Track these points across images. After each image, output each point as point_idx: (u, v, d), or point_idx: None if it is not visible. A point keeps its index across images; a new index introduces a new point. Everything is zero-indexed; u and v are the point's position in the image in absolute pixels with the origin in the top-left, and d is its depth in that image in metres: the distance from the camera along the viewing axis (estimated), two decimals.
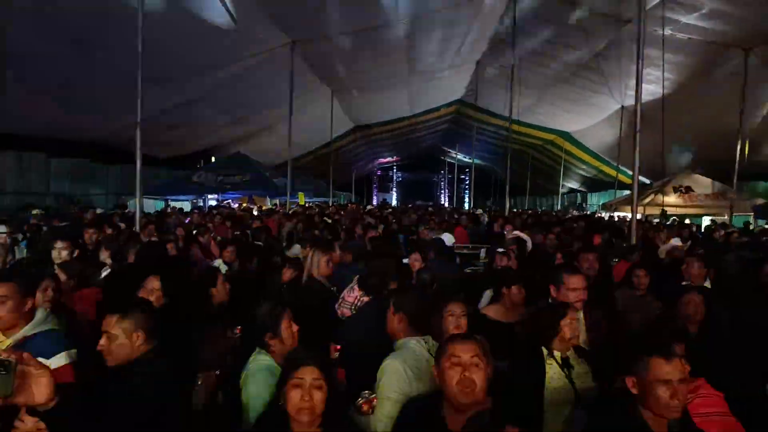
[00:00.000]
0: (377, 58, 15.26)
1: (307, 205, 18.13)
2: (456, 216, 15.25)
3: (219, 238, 7.75)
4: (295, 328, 2.67)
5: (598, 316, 3.21)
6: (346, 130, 24.38)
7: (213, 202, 18.37)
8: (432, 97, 22.56)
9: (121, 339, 2.24)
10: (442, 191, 46.76)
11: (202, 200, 17.82)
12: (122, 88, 10.94)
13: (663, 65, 7.81)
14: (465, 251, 10.03)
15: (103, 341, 2.25)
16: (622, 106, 17.59)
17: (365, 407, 2.35)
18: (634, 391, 1.91)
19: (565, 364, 2.61)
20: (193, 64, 11.81)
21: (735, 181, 13.18)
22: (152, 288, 3.30)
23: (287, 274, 4.83)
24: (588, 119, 20.55)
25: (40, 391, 1.16)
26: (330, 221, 11.60)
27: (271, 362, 2.48)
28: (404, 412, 2.11)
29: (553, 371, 2.59)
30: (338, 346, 3.32)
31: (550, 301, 3.18)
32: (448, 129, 31.40)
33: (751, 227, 12.09)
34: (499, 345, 2.57)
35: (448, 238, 7.47)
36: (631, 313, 4.21)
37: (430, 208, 23.37)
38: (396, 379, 2.36)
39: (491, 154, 28.76)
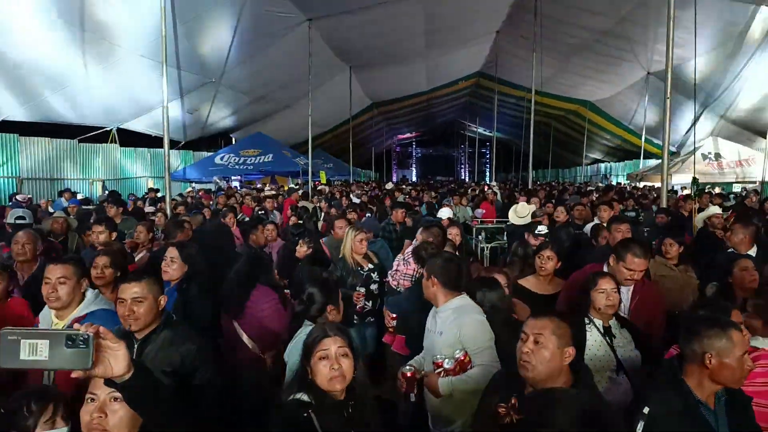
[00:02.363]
0: (394, 33, 15.03)
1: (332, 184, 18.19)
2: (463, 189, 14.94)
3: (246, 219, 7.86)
4: (342, 304, 2.79)
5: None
6: (364, 107, 24.23)
7: (236, 184, 18.52)
8: (451, 70, 22.18)
9: (150, 303, 2.30)
10: (463, 166, 46.31)
11: (226, 181, 18.00)
12: (143, 72, 11.15)
13: (695, 27, 7.46)
14: (489, 226, 10.01)
15: (134, 307, 2.26)
16: (648, 73, 17.07)
17: (457, 367, 2.41)
18: (709, 365, 1.83)
19: (606, 332, 2.64)
20: (211, 44, 11.81)
21: (766, 146, 12.76)
22: (171, 257, 3.37)
23: (302, 250, 4.79)
24: (612, 87, 20.00)
25: (117, 363, 1.24)
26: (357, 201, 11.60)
27: None
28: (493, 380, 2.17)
29: (593, 339, 2.62)
30: (394, 315, 3.38)
31: (605, 269, 3.13)
32: (468, 102, 30.95)
33: None
34: None
35: (447, 212, 7.31)
36: (663, 283, 4.20)
37: (452, 185, 23.15)
38: (484, 328, 2.54)
39: (512, 126, 28.33)
